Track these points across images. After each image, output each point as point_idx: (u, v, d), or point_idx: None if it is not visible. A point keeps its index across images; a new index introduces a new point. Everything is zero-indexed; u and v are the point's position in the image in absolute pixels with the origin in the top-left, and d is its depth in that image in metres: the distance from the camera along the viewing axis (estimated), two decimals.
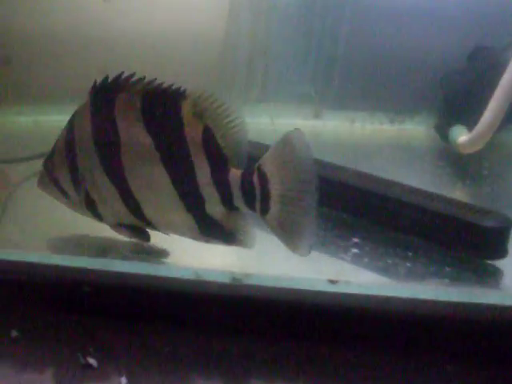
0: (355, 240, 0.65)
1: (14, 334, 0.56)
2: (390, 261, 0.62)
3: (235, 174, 0.53)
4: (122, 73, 0.56)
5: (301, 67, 0.99)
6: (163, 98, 0.53)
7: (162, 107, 0.53)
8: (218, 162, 0.53)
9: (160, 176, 0.53)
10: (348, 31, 0.97)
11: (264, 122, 0.99)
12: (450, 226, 0.61)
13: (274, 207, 0.52)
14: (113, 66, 1.00)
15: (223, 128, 0.53)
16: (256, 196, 0.52)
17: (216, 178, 0.53)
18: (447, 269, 0.60)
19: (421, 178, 0.84)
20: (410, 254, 0.63)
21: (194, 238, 0.57)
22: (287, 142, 0.53)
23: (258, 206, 0.53)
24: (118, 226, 0.58)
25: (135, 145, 0.54)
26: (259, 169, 0.53)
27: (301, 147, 0.53)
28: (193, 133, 0.52)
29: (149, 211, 0.56)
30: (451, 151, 0.87)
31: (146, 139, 0.53)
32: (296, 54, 0.98)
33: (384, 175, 0.71)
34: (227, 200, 0.53)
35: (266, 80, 0.99)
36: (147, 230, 0.59)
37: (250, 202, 0.53)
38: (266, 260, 0.62)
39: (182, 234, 0.57)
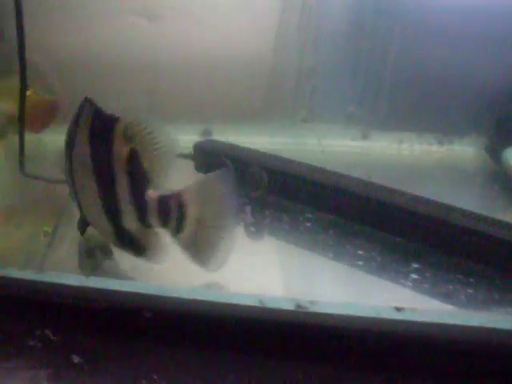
0: (415, 265, 0.64)
1: (76, 359, 0.56)
2: (451, 287, 0.61)
3: (153, 194, 0.58)
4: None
5: (349, 87, 0.99)
6: (102, 120, 0.59)
7: (99, 128, 0.59)
8: (139, 182, 0.58)
9: (92, 188, 0.60)
10: (397, 51, 0.96)
11: (311, 143, 0.98)
12: None
13: (188, 229, 0.58)
14: (159, 88, 1.03)
15: (150, 152, 0.58)
16: (171, 217, 0.58)
17: (135, 196, 0.59)
18: None
19: (472, 201, 0.82)
20: (472, 280, 0.62)
21: (115, 245, 0.63)
22: (211, 179, 0.59)
23: (172, 225, 0.58)
24: None
25: (82, 159, 0.60)
26: (179, 194, 0.58)
27: (223, 185, 0.59)
28: (119, 153, 0.58)
29: (89, 219, 0.64)
30: (503, 173, 0.86)
31: (86, 155, 0.59)
32: (344, 74, 0.98)
33: (433, 198, 0.70)
34: (143, 217, 0.59)
35: (313, 100, 0.99)
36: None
37: (164, 221, 0.58)
38: (323, 287, 0.62)
39: (107, 239, 0.64)
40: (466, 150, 0.97)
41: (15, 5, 0.78)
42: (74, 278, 0.59)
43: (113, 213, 0.60)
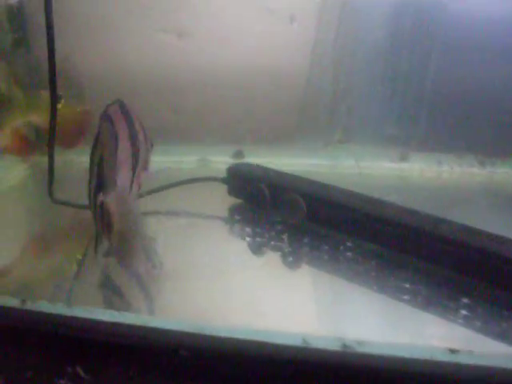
0: (465, 300, 0.60)
1: None
2: (505, 324, 0.57)
3: None
4: None
5: (386, 107, 0.95)
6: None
7: None
8: None
9: None
10: (436, 69, 0.93)
11: (348, 165, 0.95)
12: None
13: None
14: (187, 106, 1.01)
15: None
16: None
17: None
18: None
19: None
20: None
21: None
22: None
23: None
24: None
25: None
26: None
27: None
28: None
29: None
30: None
31: None
32: (381, 93, 0.95)
33: (475, 224, 0.67)
34: None
35: (349, 120, 0.96)
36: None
37: None
38: (367, 324, 0.59)
39: None
40: (510, 173, 0.93)
41: (45, 17, 0.75)
42: (106, 314, 0.56)
43: None
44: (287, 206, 0.74)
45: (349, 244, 0.70)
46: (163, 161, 0.92)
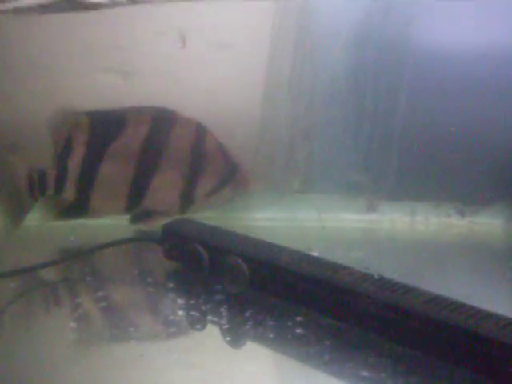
0: None
1: None
2: None
3: None
4: None
5: (350, 151, 0.85)
6: None
7: None
8: None
9: None
10: (405, 107, 0.83)
11: (309, 218, 0.83)
12: None
13: None
14: None
15: None
16: None
17: None
18: None
19: (502, 290, 0.67)
20: None
21: None
22: None
23: None
24: None
25: None
26: None
27: None
28: None
29: None
30: None
31: None
32: (345, 135, 0.84)
33: (454, 283, 0.63)
34: None
35: (309, 167, 0.85)
36: None
37: None
38: None
39: None
40: (493, 223, 0.82)
41: None
42: None
43: None
44: (227, 271, 0.62)
45: (299, 318, 0.58)
46: None
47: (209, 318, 0.60)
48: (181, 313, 0.61)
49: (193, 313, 0.60)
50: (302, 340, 0.56)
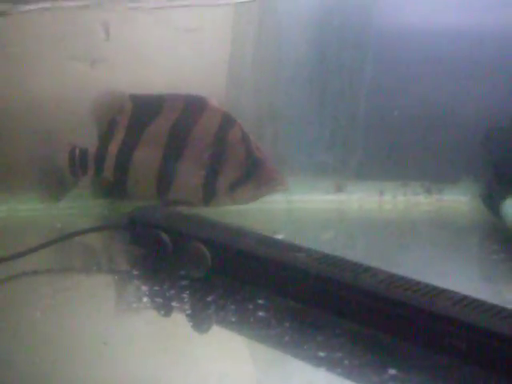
0: (392, 372, 0.48)
1: None
2: None
3: None
4: None
5: (316, 131, 0.84)
6: None
7: None
8: None
9: None
10: (370, 86, 0.82)
11: (275, 200, 0.83)
12: None
13: None
14: None
15: None
16: None
17: None
18: None
19: (469, 266, 0.68)
20: None
21: None
22: None
23: None
24: None
25: None
26: None
27: None
28: None
29: None
30: (506, 229, 0.71)
31: None
32: (310, 115, 0.84)
33: (421, 261, 0.62)
34: None
35: (275, 148, 0.85)
36: None
37: None
38: None
39: None
40: (459, 200, 0.82)
41: None
42: None
43: None
44: (190, 256, 0.62)
45: (260, 301, 0.58)
46: None
47: (173, 303, 0.59)
48: (145, 300, 0.60)
49: (157, 299, 0.60)
50: (264, 322, 0.56)
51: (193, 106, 0.80)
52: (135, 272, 0.67)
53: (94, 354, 0.52)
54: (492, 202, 0.74)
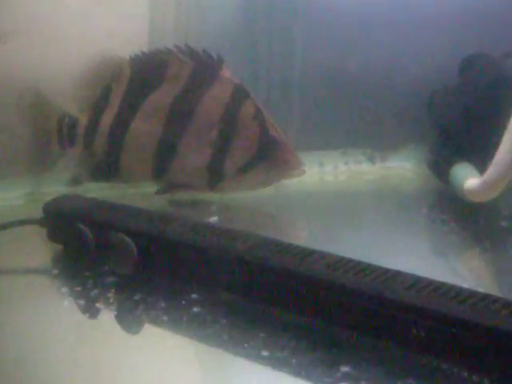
0: (344, 369, 0.43)
1: None
2: None
3: None
4: None
5: None
6: None
7: None
8: None
9: None
10: (303, 49, 0.76)
11: None
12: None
13: None
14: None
15: None
16: None
17: None
18: None
19: (418, 240, 0.63)
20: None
21: None
22: None
23: None
24: None
25: None
26: None
27: None
28: None
29: None
30: (454, 196, 0.66)
31: None
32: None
33: (368, 236, 0.58)
34: None
35: None
36: None
37: None
38: None
39: None
40: (404, 167, 0.78)
41: None
42: None
43: None
44: (113, 250, 0.56)
45: (194, 296, 0.53)
46: None
47: (98, 305, 0.53)
48: (66, 303, 0.54)
49: (80, 301, 0.54)
50: (199, 319, 0.50)
51: (201, 75, 0.71)
52: (54, 271, 0.60)
53: (13, 368, 0.46)
54: (439, 168, 0.69)
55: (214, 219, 0.66)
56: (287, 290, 0.48)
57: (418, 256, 0.59)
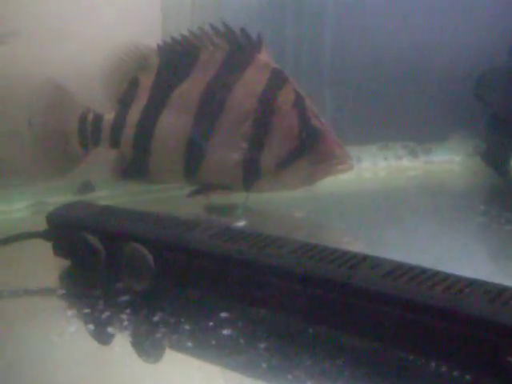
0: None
1: None
2: None
3: None
4: None
5: None
6: None
7: None
8: None
9: None
10: (334, 35, 0.70)
11: None
12: None
13: None
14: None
15: None
16: None
17: None
18: None
19: (476, 240, 0.56)
20: None
21: None
22: None
23: None
24: None
25: None
26: None
27: None
28: None
29: None
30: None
31: None
32: None
33: (416, 237, 0.53)
34: None
35: None
36: None
37: None
38: None
39: None
40: (451, 160, 0.70)
41: None
42: None
43: None
44: (128, 263, 0.49)
45: (223, 315, 0.46)
46: None
47: (110, 329, 0.46)
48: (73, 328, 0.47)
49: (89, 325, 0.47)
50: (230, 344, 0.43)
51: (234, 60, 0.65)
52: (61, 291, 0.54)
53: None
54: (495, 158, 0.62)
55: (241, 224, 0.58)
56: (337, 304, 0.41)
57: (480, 260, 0.51)
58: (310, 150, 0.62)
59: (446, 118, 0.72)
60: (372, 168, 0.73)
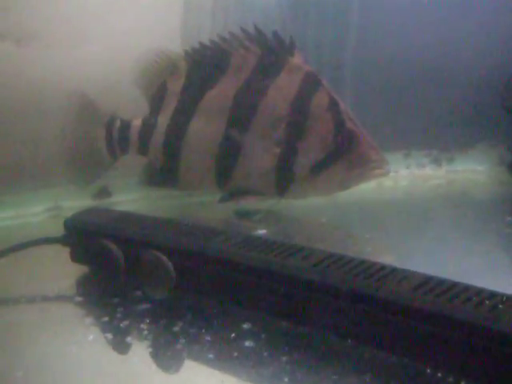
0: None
1: None
2: None
3: None
4: None
5: None
6: None
7: None
8: None
9: None
10: (357, 36, 0.68)
11: None
12: None
13: None
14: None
15: None
16: None
17: None
18: None
19: (494, 251, 0.55)
20: None
21: None
22: None
23: None
24: None
25: None
26: None
27: None
28: None
29: None
30: None
31: None
32: None
33: (432, 246, 0.53)
34: None
35: None
36: None
37: None
38: None
39: None
40: (475, 170, 0.69)
41: None
42: None
43: None
44: (148, 271, 0.48)
45: (246, 325, 0.45)
46: None
47: (129, 339, 0.45)
48: (91, 337, 0.46)
49: (108, 334, 0.46)
50: (253, 356, 0.41)
51: (267, 63, 0.64)
52: (78, 298, 0.52)
53: None
54: None
55: (262, 232, 0.57)
56: (365, 317, 0.39)
57: (509, 273, 0.50)
58: (345, 154, 0.61)
59: (470, 127, 0.71)
60: (393, 176, 0.71)
